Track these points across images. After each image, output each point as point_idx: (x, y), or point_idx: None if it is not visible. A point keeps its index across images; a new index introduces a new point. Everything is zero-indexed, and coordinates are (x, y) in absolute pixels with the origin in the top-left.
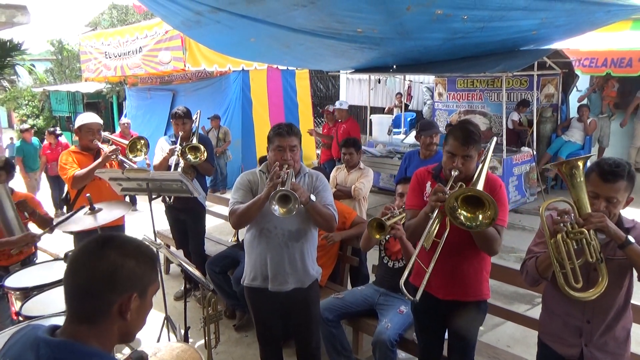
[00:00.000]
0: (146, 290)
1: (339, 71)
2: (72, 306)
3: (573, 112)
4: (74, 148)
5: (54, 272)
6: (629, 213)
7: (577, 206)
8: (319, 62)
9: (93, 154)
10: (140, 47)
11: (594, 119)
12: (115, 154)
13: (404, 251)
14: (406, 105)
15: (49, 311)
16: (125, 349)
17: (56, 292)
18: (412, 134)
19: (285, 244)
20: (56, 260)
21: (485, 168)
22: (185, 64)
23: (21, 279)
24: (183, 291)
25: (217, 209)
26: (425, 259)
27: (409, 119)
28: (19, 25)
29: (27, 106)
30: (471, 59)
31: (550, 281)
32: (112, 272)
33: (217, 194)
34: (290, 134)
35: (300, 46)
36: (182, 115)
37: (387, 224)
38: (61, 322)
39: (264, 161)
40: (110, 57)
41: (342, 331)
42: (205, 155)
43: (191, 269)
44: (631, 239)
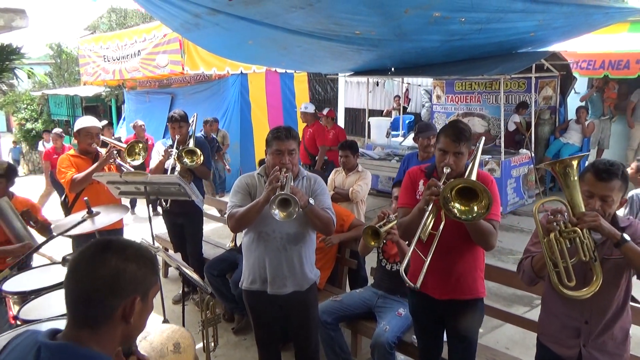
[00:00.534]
0: (148, 292)
1: (337, 74)
2: (74, 312)
3: (571, 114)
4: (72, 152)
5: (52, 275)
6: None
7: (570, 205)
8: (316, 64)
9: (92, 157)
10: (139, 51)
11: (594, 120)
12: (113, 157)
13: (402, 254)
14: (404, 108)
15: (47, 315)
16: None
17: (54, 295)
18: (410, 137)
19: (284, 247)
20: (54, 263)
21: (476, 164)
22: (183, 68)
23: (19, 283)
24: (181, 295)
25: (215, 212)
26: (421, 252)
27: (407, 121)
28: (18, 29)
29: (26, 110)
30: (469, 61)
31: (548, 282)
32: (114, 277)
33: (216, 197)
34: (288, 138)
35: (297, 48)
36: (179, 118)
37: (382, 231)
38: (59, 326)
39: (262, 164)
40: (109, 61)
41: (340, 334)
42: (202, 159)
43: (189, 272)
44: (627, 236)
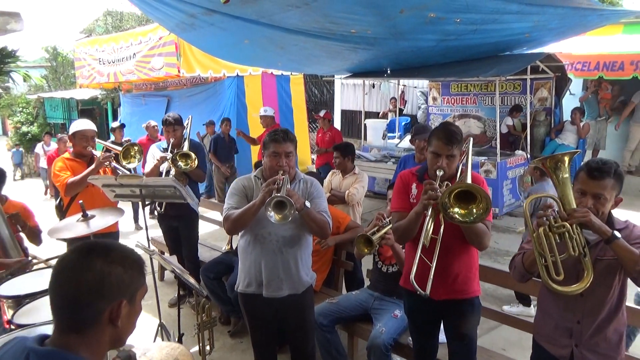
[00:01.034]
0: (135, 295)
1: (333, 76)
2: (60, 317)
3: (567, 116)
4: (67, 155)
5: (47, 279)
6: (623, 214)
7: (562, 202)
8: (313, 64)
9: (87, 160)
10: (134, 54)
11: (590, 121)
12: (108, 160)
13: (397, 257)
14: (400, 110)
15: (41, 319)
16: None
17: (48, 300)
18: (406, 139)
19: (280, 250)
20: (49, 267)
21: (469, 166)
22: (179, 70)
23: (13, 287)
24: (177, 298)
25: (212, 215)
26: (420, 258)
27: (403, 123)
28: (13, 33)
29: (22, 113)
30: (465, 62)
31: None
32: (100, 281)
33: (212, 199)
34: (285, 140)
35: (294, 47)
36: (173, 122)
37: (375, 239)
38: (52, 331)
39: (259, 166)
40: (104, 64)
41: (337, 336)
42: (197, 162)
43: (185, 275)
44: (617, 233)
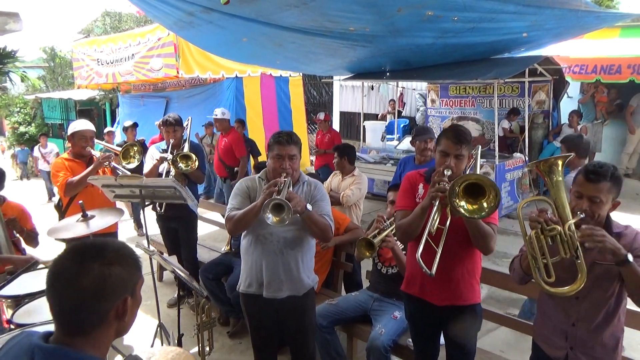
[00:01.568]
0: (135, 288)
1: (332, 77)
2: (63, 322)
3: (564, 119)
4: (66, 155)
5: (44, 279)
6: (619, 217)
7: (555, 204)
8: (311, 63)
9: (86, 161)
10: (133, 54)
11: (587, 124)
12: (108, 160)
13: (397, 260)
14: (399, 112)
15: (41, 319)
16: (117, 357)
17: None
18: (405, 140)
19: (281, 251)
20: (47, 268)
21: (477, 165)
22: (178, 71)
23: (12, 287)
24: (176, 298)
25: (211, 215)
26: (426, 256)
27: (402, 125)
28: (12, 33)
29: (19, 113)
30: (463, 64)
31: None
32: (101, 285)
33: (210, 200)
34: (290, 143)
35: (292, 44)
36: (173, 122)
37: (376, 242)
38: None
39: (261, 168)
40: (103, 64)
41: (336, 337)
42: (197, 164)
43: (185, 275)
44: (630, 257)
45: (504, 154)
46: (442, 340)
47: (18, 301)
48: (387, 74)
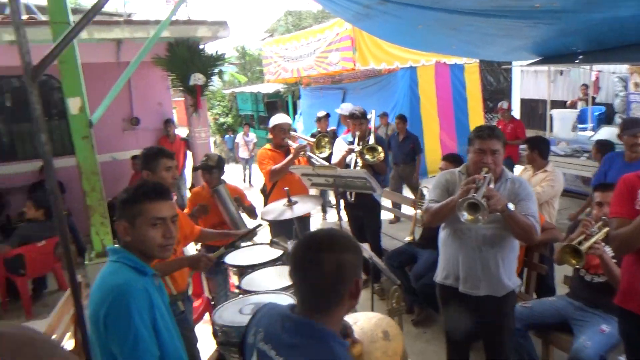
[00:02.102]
0: (360, 269)
1: (510, 63)
2: (308, 302)
3: None
4: (268, 146)
5: (259, 254)
6: None
7: None
8: (488, 46)
9: (284, 151)
10: (314, 50)
11: None
12: (303, 149)
13: (606, 269)
14: (593, 98)
15: (261, 288)
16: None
17: (265, 272)
18: (601, 131)
19: (479, 248)
20: (261, 244)
21: None
22: (355, 64)
23: (235, 258)
24: (371, 285)
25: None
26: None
27: (596, 113)
28: (221, 39)
29: (219, 106)
30: None
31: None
32: (340, 270)
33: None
34: (491, 137)
35: (467, 27)
36: (360, 115)
37: (583, 249)
38: (272, 299)
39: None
40: (288, 60)
41: (530, 342)
42: (382, 155)
43: (380, 263)
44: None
45: None
46: None
47: (242, 270)
48: (580, 57)
